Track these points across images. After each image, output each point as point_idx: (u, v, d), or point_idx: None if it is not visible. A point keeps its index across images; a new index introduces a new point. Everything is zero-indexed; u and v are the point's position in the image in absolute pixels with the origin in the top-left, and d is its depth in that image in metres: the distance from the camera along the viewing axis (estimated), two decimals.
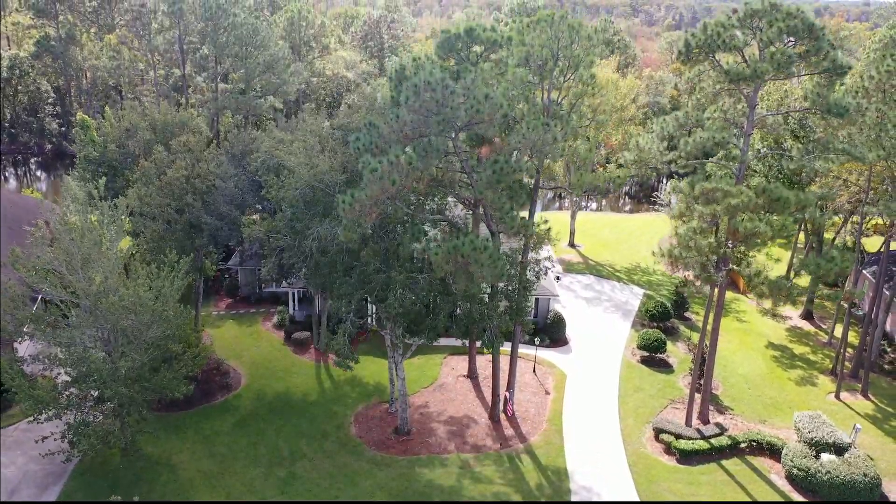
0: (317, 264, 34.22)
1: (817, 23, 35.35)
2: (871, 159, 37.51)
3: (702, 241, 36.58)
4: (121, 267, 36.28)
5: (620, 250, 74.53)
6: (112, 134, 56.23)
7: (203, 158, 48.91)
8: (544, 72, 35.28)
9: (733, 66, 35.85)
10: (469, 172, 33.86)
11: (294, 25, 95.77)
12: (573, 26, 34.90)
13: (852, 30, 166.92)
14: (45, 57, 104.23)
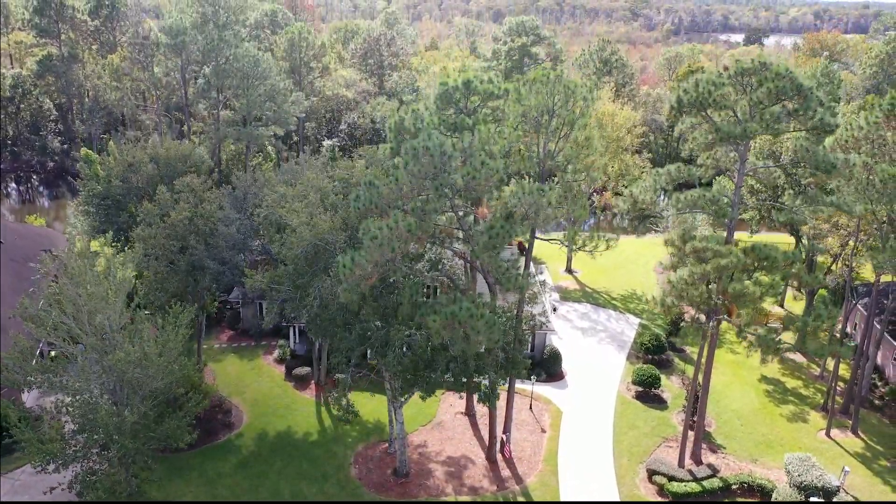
0: (318, 317, 35.16)
1: (806, 83, 36.25)
2: (858, 212, 38.43)
3: (693, 291, 37.53)
4: (127, 317, 37.13)
5: (617, 276, 75.45)
6: (116, 169, 57.12)
7: (206, 199, 49.85)
8: (540, 128, 36.20)
9: (724, 124, 36.79)
10: (466, 230, 34.79)
11: (294, 46, 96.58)
12: (568, 87, 35.81)
13: (849, 41, 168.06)
14: (47, 76, 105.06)
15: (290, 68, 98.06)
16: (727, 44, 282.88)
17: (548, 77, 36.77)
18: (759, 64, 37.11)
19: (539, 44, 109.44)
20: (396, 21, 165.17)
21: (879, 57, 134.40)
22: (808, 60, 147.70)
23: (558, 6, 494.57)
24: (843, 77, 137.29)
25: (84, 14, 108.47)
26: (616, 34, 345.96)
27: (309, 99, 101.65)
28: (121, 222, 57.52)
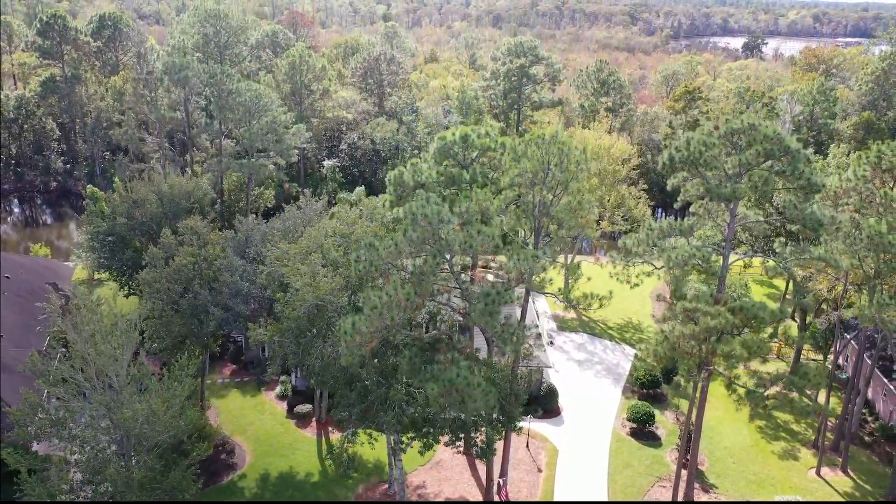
0: (319, 374, 36.26)
1: (793, 145, 37.30)
2: (845, 266, 39.46)
3: (685, 343, 38.60)
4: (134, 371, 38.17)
5: (613, 302, 76.00)
6: (122, 207, 58.19)
7: (210, 241, 50.95)
8: (535, 187, 37.28)
9: (714, 184, 37.87)
10: (463, 288, 35.86)
11: (295, 69, 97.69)
12: (562, 149, 36.85)
13: (846, 54, 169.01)
14: (50, 97, 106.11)
15: (291, 90, 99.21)
16: (725, 51, 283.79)
17: (543, 138, 37.86)
18: (748, 125, 38.23)
19: (537, 64, 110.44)
20: (396, 34, 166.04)
21: (875, 73, 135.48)
22: (804, 75, 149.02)
23: (557, 10, 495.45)
24: (840, 93, 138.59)
25: (87, 35, 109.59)
26: (615, 39, 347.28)
27: (309, 121, 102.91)
28: (125, 259, 58.64)
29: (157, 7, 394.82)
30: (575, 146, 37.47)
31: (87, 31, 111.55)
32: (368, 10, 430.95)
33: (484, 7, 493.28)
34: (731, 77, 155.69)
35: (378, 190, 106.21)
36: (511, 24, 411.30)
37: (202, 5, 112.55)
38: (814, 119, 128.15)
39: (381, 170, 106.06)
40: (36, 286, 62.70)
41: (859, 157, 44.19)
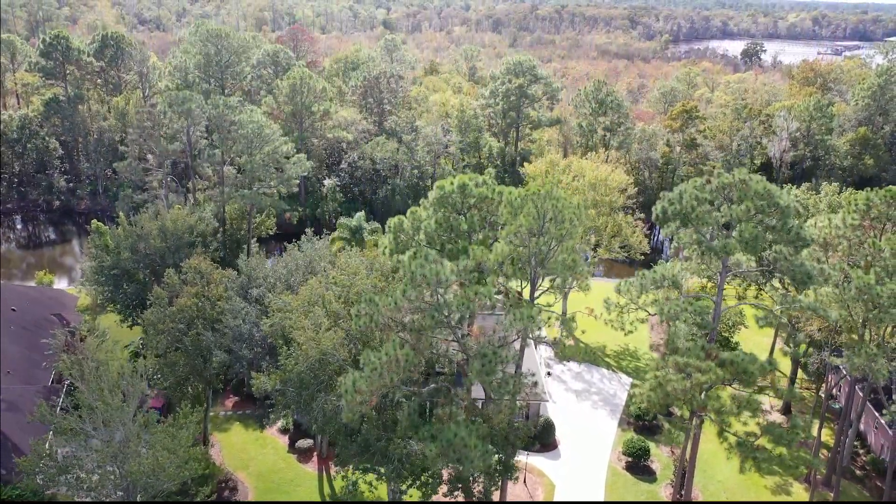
0: (322, 426, 37.26)
1: (783, 201, 38.25)
2: (834, 318, 40.42)
3: (677, 386, 39.57)
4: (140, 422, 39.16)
5: (611, 330, 77.26)
6: (126, 242, 59.16)
7: (213, 280, 51.96)
8: (531, 241, 38.24)
9: (705, 240, 38.85)
10: (461, 343, 36.84)
11: (296, 91, 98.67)
12: (557, 206, 37.77)
13: (843, 66, 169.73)
14: (53, 118, 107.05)
15: (292, 112, 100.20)
16: (724, 59, 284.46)
17: (539, 194, 38.80)
18: (739, 180, 39.21)
19: (536, 83, 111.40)
20: (396, 47, 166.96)
21: (871, 89, 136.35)
22: (801, 89, 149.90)
23: (557, 14, 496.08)
24: (836, 108, 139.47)
25: (89, 56, 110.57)
26: (615, 45, 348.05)
27: (309, 141, 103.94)
28: (129, 293, 59.64)
29: (158, 13, 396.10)
30: (570, 202, 38.39)
31: (90, 50, 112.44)
32: (368, 14, 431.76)
33: (484, 11, 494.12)
34: (728, 90, 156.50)
35: (378, 209, 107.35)
36: (511, 28, 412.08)
37: (204, 26, 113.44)
38: (810, 135, 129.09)
39: (382, 189, 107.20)
40: (41, 317, 63.71)
41: (849, 204, 45.09)
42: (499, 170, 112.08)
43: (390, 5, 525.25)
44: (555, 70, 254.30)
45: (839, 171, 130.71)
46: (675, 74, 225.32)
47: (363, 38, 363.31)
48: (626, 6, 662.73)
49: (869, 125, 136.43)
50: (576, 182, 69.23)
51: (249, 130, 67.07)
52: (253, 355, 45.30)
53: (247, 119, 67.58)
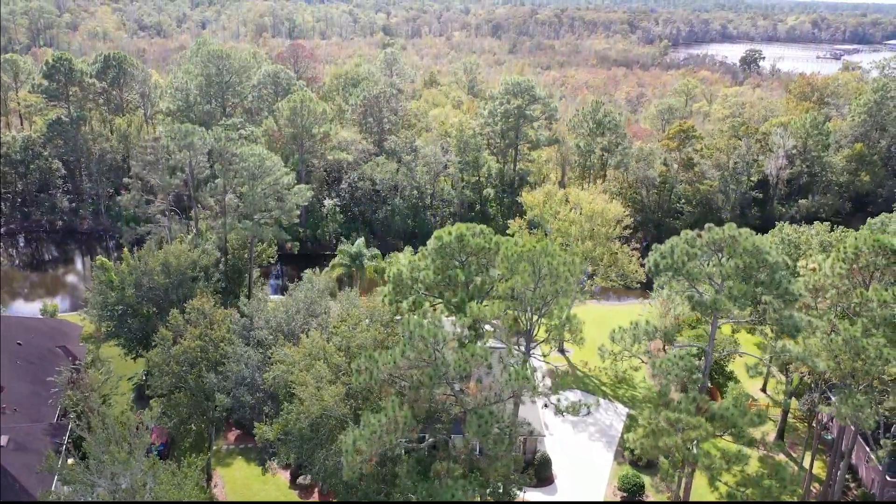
0: (324, 479, 38.35)
1: (771, 258, 39.31)
2: (822, 368, 41.47)
3: (669, 441, 40.65)
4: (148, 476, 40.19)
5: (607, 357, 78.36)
6: (130, 278, 60.24)
7: (216, 320, 53.04)
8: (525, 303, 39.35)
9: (695, 296, 39.93)
10: (459, 398, 37.91)
11: (297, 114, 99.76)
12: (551, 263, 38.86)
13: (840, 80, 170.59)
14: (56, 140, 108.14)
15: (293, 135, 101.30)
16: (723, 66, 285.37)
17: (534, 250, 39.90)
18: (728, 236, 40.27)
19: (534, 103, 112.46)
20: (395, 60, 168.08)
21: (868, 105, 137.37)
22: (798, 104, 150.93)
23: (557, 18, 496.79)
24: (833, 124, 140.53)
25: (91, 77, 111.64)
26: (614, 51, 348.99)
27: (310, 163, 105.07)
28: (134, 329, 60.72)
29: (158, 18, 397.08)
30: (564, 258, 39.46)
31: (92, 71, 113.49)
32: (368, 20, 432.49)
33: (483, 15, 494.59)
34: (726, 104, 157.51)
35: (378, 229, 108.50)
36: (511, 34, 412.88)
37: (205, 46, 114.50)
38: (807, 151, 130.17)
39: (382, 209, 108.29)
40: (46, 350, 64.77)
41: (838, 251, 46.03)
42: (497, 190, 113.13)
43: (390, 9, 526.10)
44: (554, 79, 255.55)
45: (836, 186, 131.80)
46: (673, 85, 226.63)
47: (363, 43, 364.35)
48: (625, 9, 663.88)
49: (865, 141, 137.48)
50: (573, 214, 70.24)
51: (251, 163, 68.09)
52: (255, 400, 46.34)
53: (248, 152, 68.62)
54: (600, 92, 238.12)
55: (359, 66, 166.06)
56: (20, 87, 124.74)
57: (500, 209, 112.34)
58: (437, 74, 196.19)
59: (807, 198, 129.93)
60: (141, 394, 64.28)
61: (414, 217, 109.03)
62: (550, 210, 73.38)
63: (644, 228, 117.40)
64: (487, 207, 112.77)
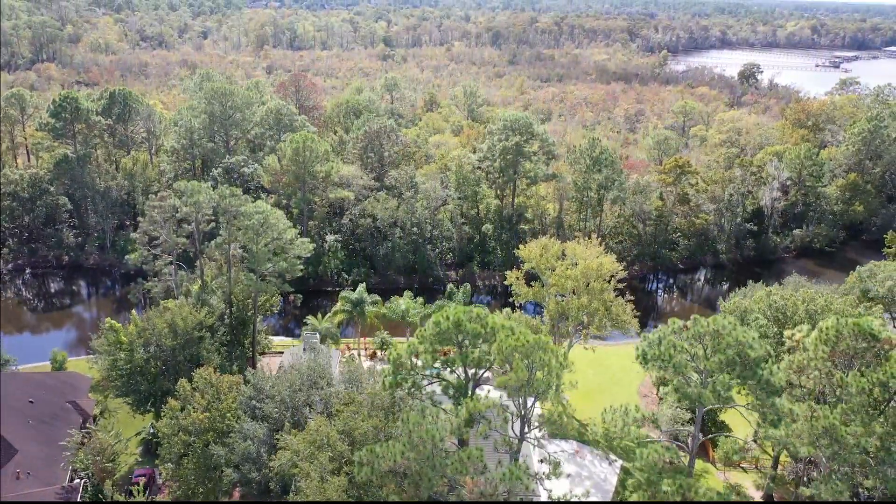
0: None
1: (754, 353, 41.27)
2: (804, 454, 43.41)
3: None
4: None
5: (603, 401, 79.65)
6: (139, 341, 62.27)
7: (223, 391, 55.03)
8: (520, 393, 41.33)
9: (682, 386, 41.89)
10: (456, 487, 39.87)
11: (299, 155, 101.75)
12: (543, 357, 40.81)
13: (837, 102, 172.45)
14: (63, 178, 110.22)
15: (295, 175, 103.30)
16: (721, 81, 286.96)
17: (528, 343, 41.86)
18: (713, 329, 42.23)
19: (533, 140, 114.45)
20: (395, 85, 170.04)
21: (862, 134, 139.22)
22: (794, 132, 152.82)
23: (557, 26, 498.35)
24: (828, 152, 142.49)
25: (97, 114, 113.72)
26: (613, 63, 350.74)
27: (312, 202, 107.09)
28: (143, 390, 62.75)
29: (160, 29, 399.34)
30: (556, 351, 41.42)
31: (98, 107, 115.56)
32: (369, 29, 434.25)
33: (483, 23, 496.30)
34: (723, 129, 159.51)
35: (379, 265, 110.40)
36: (511, 45, 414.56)
37: (209, 84, 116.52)
38: (801, 181, 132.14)
39: (382, 245, 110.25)
40: (57, 407, 66.74)
41: (821, 332, 47.83)
42: (495, 225, 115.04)
43: (390, 17, 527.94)
44: (553, 94, 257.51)
45: (830, 215, 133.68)
46: (672, 102, 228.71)
47: (364, 55, 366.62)
48: (625, 16, 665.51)
49: (859, 170, 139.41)
50: (569, 270, 72.17)
51: (255, 221, 70.04)
52: (262, 477, 48.31)
53: (252, 210, 70.58)
54: (599, 108, 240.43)
55: (360, 90, 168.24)
56: (27, 121, 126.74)
57: (499, 244, 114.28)
58: (436, 94, 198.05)
59: (801, 227, 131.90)
60: (148, 448, 66.34)
61: (414, 252, 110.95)
62: (547, 263, 75.30)
63: (641, 261, 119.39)
64: (486, 243, 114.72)
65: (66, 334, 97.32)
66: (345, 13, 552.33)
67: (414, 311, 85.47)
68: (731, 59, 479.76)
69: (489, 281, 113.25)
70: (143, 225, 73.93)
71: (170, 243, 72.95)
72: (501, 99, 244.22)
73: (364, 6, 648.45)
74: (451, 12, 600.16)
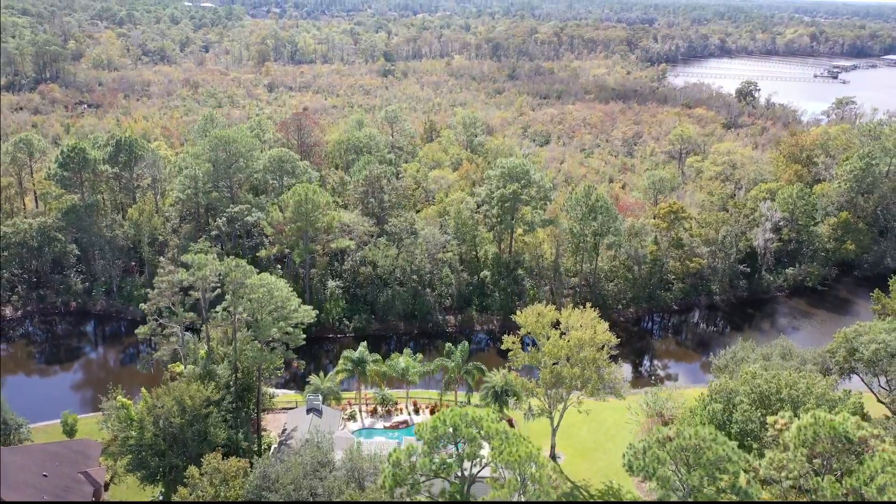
0: None
1: (731, 466, 43.81)
2: None
3: None
4: None
5: (598, 459, 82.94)
6: (148, 419, 64.87)
7: (229, 478, 57.62)
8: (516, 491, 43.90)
9: (665, 498, 44.44)
10: None
11: (301, 207, 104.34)
12: (536, 474, 43.36)
13: (831, 134, 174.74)
14: (71, 227, 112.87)
15: (298, 228, 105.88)
16: (719, 100, 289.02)
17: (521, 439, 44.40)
18: (694, 443, 44.75)
19: (529, 186, 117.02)
20: (396, 118, 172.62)
21: (854, 172, 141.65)
22: (788, 167, 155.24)
23: (556, 37, 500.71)
24: (820, 188, 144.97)
25: (104, 163, 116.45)
26: (612, 79, 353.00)
27: (314, 251, 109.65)
28: (153, 466, 65.33)
29: (162, 43, 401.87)
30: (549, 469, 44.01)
31: (104, 155, 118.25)
32: (369, 42, 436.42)
33: (483, 34, 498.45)
34: (718, 162, 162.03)
35: (379, 312, 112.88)
36: (511, 59, 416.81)
37: (214, 133, 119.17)
38: (794, 221, 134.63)
39: (383, 292, 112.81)
40: (70, 479, 69.30)
41: (799, 432, 50.28)
42: (493, 272, 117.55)
43: (390, 27, 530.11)
44: (552, 116, 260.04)
45: (822, 253, 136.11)
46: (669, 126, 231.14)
47: (364, 70, 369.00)
48: (624, 24, 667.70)
49: (851, 208, 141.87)
50: (562, 342, 74.65)
51: (260, 294, 72.55)
52: None
53: (256, 283, 73.09)
54: (598, 131, 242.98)
55: (361, 124, 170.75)
56: (35, 165, 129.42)
57: (497, 288, 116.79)
58: (435, 122, 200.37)
59: (794, 265, 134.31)
60: None
61: (414, 299, 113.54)
62: (542, 329, 77.81)
63: (636, 303, 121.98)
64: (485, 289, 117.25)
65: (75, 388, 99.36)
66: (345, 23, 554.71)
67: (413, 370, 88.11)
68: (731, 68, 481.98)
69: (487, 325, 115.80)
70: (152, 296, 76.52)
71: (178, 317, 75.61)
72: (501, 121, 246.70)
73: (364, 15, 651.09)
74: (451, 21, 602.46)
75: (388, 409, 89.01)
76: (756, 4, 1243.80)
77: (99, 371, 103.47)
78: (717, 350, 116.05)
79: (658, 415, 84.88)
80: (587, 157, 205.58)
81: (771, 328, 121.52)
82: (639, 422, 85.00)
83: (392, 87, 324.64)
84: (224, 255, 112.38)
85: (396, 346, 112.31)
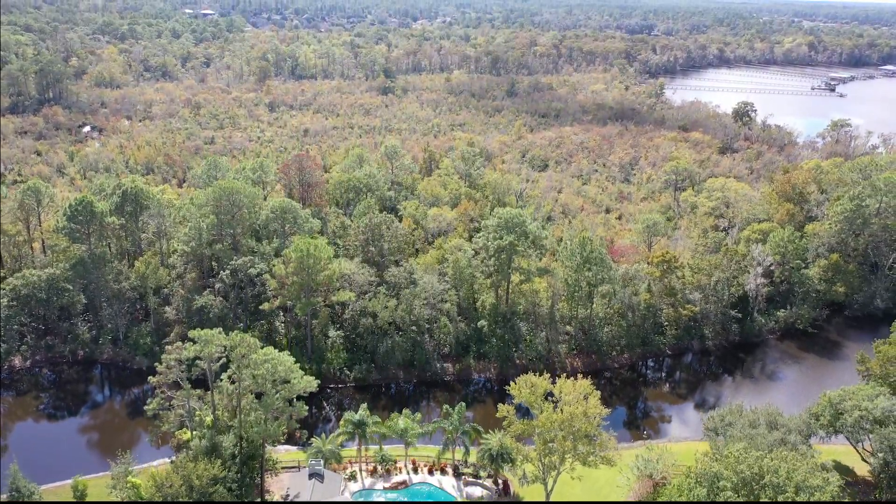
0: None
1: None
2: None
3: None
4: None
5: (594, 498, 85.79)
6: (158, 496, 67.87)
7: None
8: None
9: None
10: None
11: (303, 264, 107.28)
12: None
13: (824, 167, 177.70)
14: (78, 279, 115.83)
15: (300, 284, 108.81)
16: (715, 121, 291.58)
17: None
18: None
19: (525, 238, 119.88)
20: (395, 153, 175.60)
21: (845, 213, 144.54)
22: (780, 206, 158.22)
23: (555, 49, 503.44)
24: (811, 228, 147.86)
25: (111, 215, 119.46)
26: (610, 98, 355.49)
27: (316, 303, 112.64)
28: None
29: (164, 59, 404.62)
30: None
31: (111, 206, 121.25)
32: (369, 57, 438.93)
33: (483, 45, 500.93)
34: (711, 198, 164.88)
35: (380, 361, 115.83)
36: (510, 75, 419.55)
37: (219, 183, 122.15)
38: (785, 263, 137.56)
39: (383, 342, 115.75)
40: None
41: None
42: (490, 322, 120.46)
43: (390, 39, 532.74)
44: (550, 140, 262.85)
45: (812, 295, 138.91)
46: (666, 150, 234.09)
47: (364, 87, 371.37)
48: (623, 33, 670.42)
49: (841, 249, 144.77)
50: (555, 415, 77.56)
51: (265, 370, 75.56)
52: None
53: (261, 359, 76.14)
54: (595, 155, 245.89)
55: (361, 160, 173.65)
56: (43, 213, 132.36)
57: (494, 337, 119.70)
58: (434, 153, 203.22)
59: (785, 307, 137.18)
60: None
61: (413, 348, 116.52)
62: (535, 400, 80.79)
63: (630, 349, 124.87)
64: (483, 336, 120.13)
65: (84, 441, 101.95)
66: (345, 34, 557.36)
67: (412, 432, 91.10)
68: (729, 80, 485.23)
69: (485, 373, 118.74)
70: (161, 370, 79.50)
71: (185, 392, 78.64)
72: (500, 145, 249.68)
73: (363, 26, 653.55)
74: (451, 31, 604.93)
75: (387, 469, 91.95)
76: (755, 8, 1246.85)
77: (107, 423, 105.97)
78: (709, 394, 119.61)
79: (648, 476, 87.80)
80: (584, 183, 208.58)
81: (761, 373, 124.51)
82: (630, 486, 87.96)
83: (392, 105, 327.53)
84: (228, 308, 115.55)
85: (396, 394, 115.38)
